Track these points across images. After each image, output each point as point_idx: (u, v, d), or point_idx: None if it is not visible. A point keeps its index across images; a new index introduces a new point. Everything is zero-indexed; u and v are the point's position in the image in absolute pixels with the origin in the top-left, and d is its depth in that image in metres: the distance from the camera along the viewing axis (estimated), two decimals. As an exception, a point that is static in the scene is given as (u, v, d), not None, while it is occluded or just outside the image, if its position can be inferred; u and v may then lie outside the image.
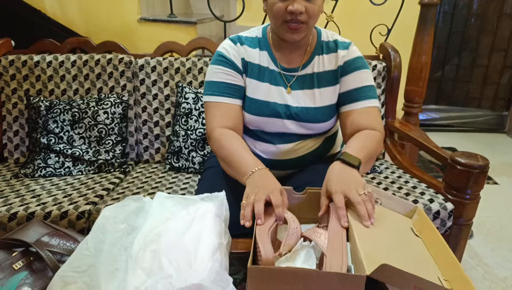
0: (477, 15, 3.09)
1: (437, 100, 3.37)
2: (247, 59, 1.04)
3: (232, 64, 1.03)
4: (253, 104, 1.04)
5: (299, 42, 1.01)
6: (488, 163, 1.16)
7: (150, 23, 2.02)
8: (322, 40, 1.06)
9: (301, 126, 1.05)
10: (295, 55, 1.05)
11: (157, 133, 1.61)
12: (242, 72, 1.04)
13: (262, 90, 1.04)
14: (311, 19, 0.94)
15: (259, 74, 1.04)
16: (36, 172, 1.44)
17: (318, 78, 1.04)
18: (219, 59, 1.04)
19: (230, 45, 1.05)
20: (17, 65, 1.57)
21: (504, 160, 2.78)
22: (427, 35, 1.70)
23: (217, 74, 1.02)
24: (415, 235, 0.77)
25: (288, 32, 0.95)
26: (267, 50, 1.06)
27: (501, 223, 1.95)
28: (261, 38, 1.07)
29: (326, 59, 1.05)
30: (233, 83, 1.03)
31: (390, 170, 1.53)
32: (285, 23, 0.93)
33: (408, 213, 0.85)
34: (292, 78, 1.05)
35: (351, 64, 1.03)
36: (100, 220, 0.70)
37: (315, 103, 1.04)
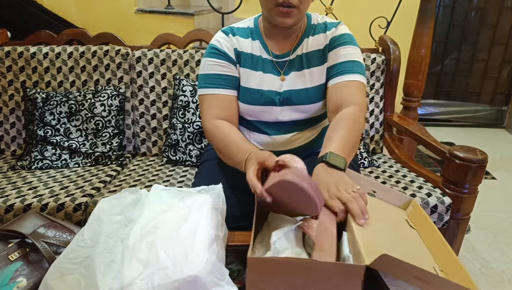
0: (478, 9, 3.07)
1: (436, 94, 3.36)
2: (239, 49, 1.04)
3: (225, 55, 1.03)
4: (247, 93, 1.04)
5: (290, 28, 1.00)
6: (486, 158, 1.16)
7: (147, 15, 2.00)
8: (312, 24, 1.06)
9: (295, 110, 1.05)
10: (287, 42, 1.05)
11: (154, 126, 1.60)
12: (235, 62, 1.04)
13: (256, 78, 1.04)
14: (303, 4, 0.93)
15: (252, 63, 1.04)
16: (33, 164, 1.43)
17: (307, 58, 1.04)
18: (212, 52, 1.03)
19: (223, 37, 1.05)
20: (13, 56, 1.55)
21: (502, 155, 2.78)
22: (427, 28, 1.69)
23: (210, 67, 1.02)
24: (410, 227, 0.78)
25: (279, 16, 0.94)
26: (259, 39, 1.05)
27: (498, 218, 1.96)
28: (253, 28, 1.07)
29: (315, 39, 1.04)
30: (227, 74, 1.02)
31: (388, 164, 1.52)
32: (277, 7, 0.93)
33: (403, 206, 0.86)
34: (284, 64, 1.05)
35: (337, 40, 1.02)
36: (96, 212, 0.70)
37: (306, 84, 1.04)
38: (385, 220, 0.77)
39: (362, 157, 1.49)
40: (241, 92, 1.05)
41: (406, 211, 0.84)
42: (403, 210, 0.85)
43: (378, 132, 1.66)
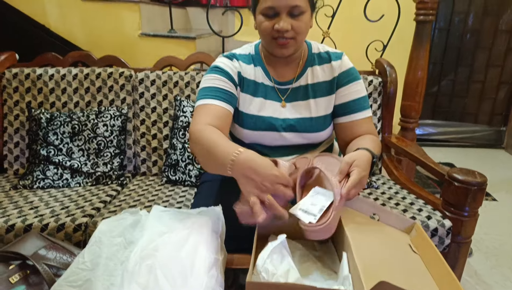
0: (473, 31, 3.14)
1: (434, 115, 3.39)
2: (243, 74, 1.06)
3: (227, 74, 1.02)
4: (247, 119, 1.06)
5: (290, 56, 1.03)
6: (486, 180, 1.16)
7: (150, 38, 2.05)
8: (313, 52, 1.08)
9: (299, 136, 1.07)
10: (288, 69, 1.07)
11: (154, 146, 1.62)
12: (237, 84, 1.04)
13: (256, 105, 1.06)
14: (299, 35, 0.96)
15: (254, 89, 1.06)
16: (34, 184, 1.44)
17: (313, 89, 1.06)
18: (214, 70, 1.03)
19: (226, 61, 1.06)
20: (20, 78, 1.59)
21: (502, 176, 2.78)
22: (423, 51, 1.73)
23: (210, 81, 1.00)
24: (413, 252, 0.77)
25: (277, 47, 0.97)
26: (260, 66, 1.08)
27: (500, 241, 1.94)
28: (254, 54, 1.09)
29: (319, 69, 1.07)
30: (225, 89, 1.00)
31: (387, 185, 1.53)
32: (274, 39, 0.96)
33: (406, 229, 0.85)
34: (286, 91, 1.07)
35: (346, 76, 1.06)
36: (97, 234, 0.71)
37: (311, 113, 1.06)
38: (387, 244, 0.77)
39: (361, 178, 1.50)
40: (242, 117, 1.07)
41: (410, 235, 0.84)
42: (406, 234, 0.84)
43: (377, 153, 1.67)
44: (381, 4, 1.76)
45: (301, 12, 0.93)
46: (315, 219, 0.71)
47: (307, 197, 0.77)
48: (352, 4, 1.85)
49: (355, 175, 0.78)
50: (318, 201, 0.76)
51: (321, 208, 0.74)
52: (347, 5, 1.82)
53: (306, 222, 0.71)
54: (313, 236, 0.72)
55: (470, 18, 3.12)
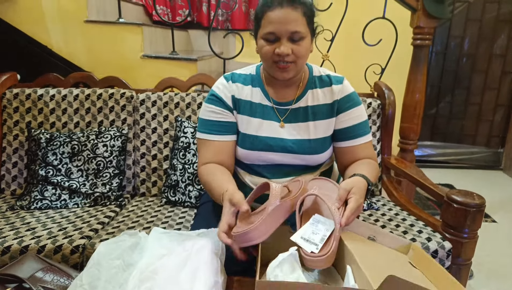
0: (468, 55, 3.21)
1: (432, 136, 3.42)
2: (237, 96, 1.08)
3: (222, 102, 1.07)
4: (245, 139, 1.07)
5: (291, 79, 1.05)
6: (484, 202, 1.16)
7: (152, 60, 2.08)
8: (314, 76, 1.10)
9: (297, 157, 1.07)
10: (288, 91, 1.09)
11: (154, 166, 1.62)
12: (232, 109, 1.08)
13: (254, 125, 1.07)
14: (299, 59, 0.98)
15: (250, 110, 1.08)
16: (32, 204, 1.43)
17: (313, 111, 1.07)
18: (211, 98, 1.09)
19: (223, 84, 1.10)
20: (21, 98, 1.60)
21: (501, 197, 2.78)
22: (420, 74, 1.76)
23: (208, 113, 1.08)
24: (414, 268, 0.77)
25: (278, 71, 0.99)
26: (260, 87, 1.09)
27: (501, 263, 1.93)
28: (254, 75, 1.11)
29: (320, 92, 1.08)
30: (223, 121, 1.07)
31: (387, 207, 1.53)
32: (275, 63, 0.98)
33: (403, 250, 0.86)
34: (285, 112, 1.08)
35: (347, 102, 1.08)
36: (96, 256, 0.70)
37: (310, 135, 1.07)
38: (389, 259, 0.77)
39: (361, 199, 1.49)
40: (240, 137, 1.08)
41: (407, 255, 0.84)
42: (404, 254, 0.85)
43: (376, 174, 1.67)
44: (379, 29, 1.80)
45: (301, 38, 0.96)
46: (317, 249, 0.73)
47: (308, 225, 0.78)
48: (351, 28, 1.90)
49: (352, 203, 0.81)
50: (319, 229, 0.77)
51: (322, 237, 0.75)
52: (346, 30, 1.87)
53: (308, 251, 0.72)
54: (314, 265, 0.74)
55: (465, 43, 3.19)
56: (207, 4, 2.85)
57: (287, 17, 0.93)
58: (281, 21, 0.94)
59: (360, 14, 1.90)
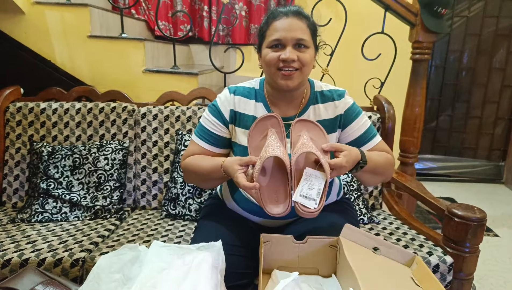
0: (468, 69, 3.23)
1: (433, 149, 3.42)
2: (237, 109, 1.10)
3: (220, 115, 1.11)
4: (246, 152, 1.07)
5: (293, 93, 1.06)
6: (485, 216, 1.16)
7: (154, 74, 2.11)
8: (315, 91, 1.11)
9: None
10: (290, 106, 1.10)
11: (155, 180, 1.62)
12: (228, 122, 1.11)
13: None
14: (304, 67, 1.00)
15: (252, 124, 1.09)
16: (33, 217, 1.43)
17: None
18: (212, 108, 1.13)
19: (226, 95, 1.12)
20: (24, 111, 1.62)
21: (503, 211, 2.76)
22: (420, 88, 1.78)
23: (206, 121, 1.12)
24: (416, 285, 0.77)
25: (282, 78, 1.00)
26: (262, 101, 1.10)
27: (504, 278, 1.90)
28: (258, 89, 1.12)
29: (322, 108, 1.09)
30: (216, 134, 1.11)
31: (388, 220, 1.52)
32: (279, 70, 1.00)
33: (407, 263, 0.85)
34: (287, 127, 1.09)
35: (350, 114, 1.10)
36: (96, 270, 0.70)
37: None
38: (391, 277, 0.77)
39: (361, 213, 1.49)
40: (237, 149, 1.10)
41: (411, 268, 0.84)
42: (407, 267, 0.84)
43: (377, 187, 1.67)
44: (378, 44, 1.82)
45: (306, 46, 0.99)
46: (316, 204, 0.82)
47: (302, 181, 0.85)
48: (350, 43, 1.92)
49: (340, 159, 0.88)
50: (313, 184, 0.85)
51: (318, 192, 0.83)
52: (345, 44, 1.89)
53: (312, 208, 0.82)
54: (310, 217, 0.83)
55: (464, 57, 3.22)
56: (208, 20, 2.90)
57: (292, 25, 0.97)
58: (286, 28, 0.97)
59: (359, 29, 1.93)
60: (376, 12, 1.89)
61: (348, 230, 0.85)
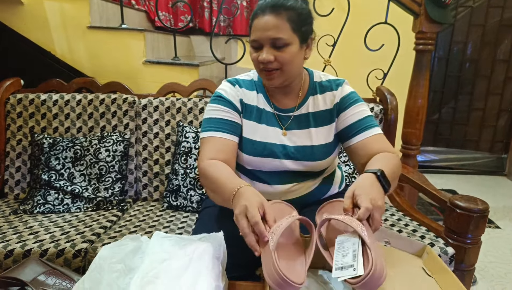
0: (472, 61, 3.21)
1: (435, 142, 3.41)
2: (245, 101, 1.07)
3: (230, 103, 1.04)
4: (250, 145, 1.06)
5: (288, 86, 1.04)
6: (488, 207, 1.15)
7: (154, 65, 2.10)
8: (314, 81, 1.10)
9: (300, 164, 1.06)
10: (289, 98, 1.08)
11: (156, 171, 1.62)
12: (240, 112, 1.06)
13: (260, 131, 1.06)
14: (284, 66, 0.96)
15: (257, 116, 1.07)
16: (35, 209, 1.43)
17: (314, 118, 1.07)
18: (217, 99, 1.06)
19: (229, 86, 1.08)
20: (24, 103, 1.62)
21: (505, 203, 2.76)
22: (423, 79, 1.76)
23: (214, 112, 1.04)
24: (428, 275, 0.77)
25: (265, 78, 1.00)
26: (262, 93, 1.09)
27: (505, 269, 1.91)
28: (256, 81, 1.11)
29: (321, 98, 1.08)
30: (229, 120, 1.03)
31: (389, 212, 1.52)
32: (261, 71, 0.99)
33: (418, 253, 0.85)
34: (287, 119, 1.08)
35: (346, 101, 1.05)
36: (98, 260, 0.70)
37: (312, 141, 1.06)
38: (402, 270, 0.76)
39: (363, 204, 1.49)
40: (244, 143, 1.07)
41: (422, 258, 0.84)
42: (418, 257, 0.84)
43: (379, 179, 1.67)
44: (381, 34, 1.80)
45: (285, 44, 0.94)
46: (355, 269, 0.64)
47: (336, 252, 0.71)
48: (353, 33, 1.90)
49: (363, 202, 0.73)
50: (347, 249, 0.69)
51: (353, 254, 0.67)
52: (348, 35, 1.87)
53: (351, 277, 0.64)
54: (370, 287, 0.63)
55: (468, 48, 3.19)
56: (209, 10, 2.87)
57: (267, 24, 0.93)
58: (261, 28, 0.93)
59: (362, 19, 1.91)
60: (380, 2, 1.87)
61: None
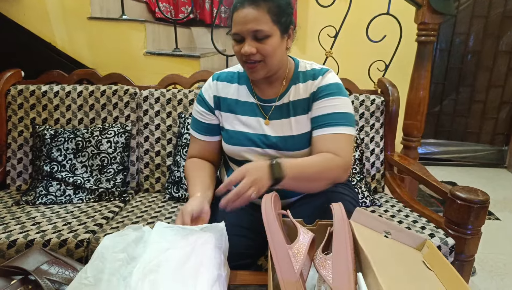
0: (474, 52, 3.18)
1: (436, 134, 3.40)
2: (220, 95, 1.11)
3: (205, 104, 1.13)
4: (232, 135, 1.09)
5: (271, 77, 1.04)
6: (488, 198, 1.16)
7: (155, 56, 2.09)
8: (299, 71, 1.08)
9: (281, 154, 1.06)
10: (272, 88, 1.08)
11: (158, 163, 1.62)
12: (214, 109, 1.12)
13: (241, 122, 1.08)
14: (266, 58, 0.96)
15: (236, 107, 1.09)
16: (37, 200, 1.44)
17: (294, 106, 1.06)
18: (198, 98, 1.15)
19: (209, 83, 1.14)
20: (25, 94, 1.61)
21: (505, 195, 2.77)
22: (424, 71, 1.75)
23: (196, 113, 1.15)
24: (428, 269, 0.77)
25: (248, 70, 1.00)
26: (246, 84, 1.10)
27: (504, 260, 1.92)
28: (241, 72, 1.12)
29: (302, 87, 1.06)
30: (207, 123, 1.13)
31: (390, 203, 1.53)
32: (244, 63, 0.99)
33: (418, 246, 0.85)
34: (270, 109, 1.08)
35: (324, 91, 1.03)
36: (100, 249, 0.70)
37: (292, 131, 1.06)
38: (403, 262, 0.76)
39: (364, 196, 1.50)
40: (225, 134, 1.11)
41: (421, 251, 0.84)
42: (418, 251, 0.84)
43: (379, 171, 1.67)
44: (383, 25, 1.79)
45: (266, 36, 0.94)
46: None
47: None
48: (355, 24, 1.89)
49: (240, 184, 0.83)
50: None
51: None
52: (349, 26, 1.86)
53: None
54: None
55: (470, 40, 3.17)
56: (210, 1, 2.85)
57: (247, 17, 0.92)
58: (242, 21, 0.93)
59: (364, 10, 1.89)
60: (382, -7, 1.85)
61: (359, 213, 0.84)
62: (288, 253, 0.67)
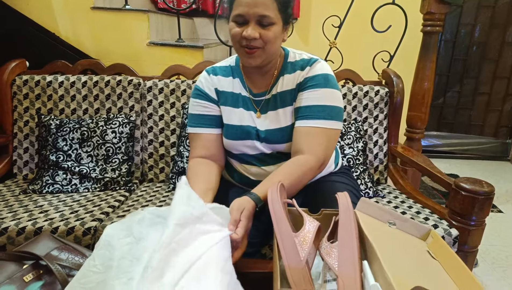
0: (479, 44, 3.16)
1: (439, 126, 3.39)
2: (219, 88, 1.09)
3: (206, 96, 1.09)
4: (229, 129, 1.08)
5: (262, 67, 1.03)
6: (493, 190, 1.15)
7: (159, 47, 2.09)
8: (288, 62, 1.07)
9: (270, 147, 1.07)
10: (264, 80, 1.08)
11: (162, 153, 1.63)
12: (216, 101, 1.10)
13: (237, 115, 1.08)
14: (267, 45, 0.95)
15: (232, 101, 1.08)
16: (44, 188, 1.46)
17: (281, 98, 1.05)
18: (196, 93, 1.11)
19: (205, 77, 1.11)
20: (30, 84, 1.62)
21: (508, 188, 2.77)
22: (429, 62, 1.74)
23: (194, 107, 1.10)
24: (433, 258, 0.77)
25: (245, 56, 0.98)
26: (239, 77, 1.10)
27: (506, 253, 1.93)
28: (234, 66, 1.11)
29: (289, 78, 1.05)
30: (209, 114, 1.09)
31: (393, 195, 1.53)
32: (242, 47, 0.97)
33: (423, 237, 0.85)
34: (261, 102, 1.08)
35: (309, 81, 1.01)
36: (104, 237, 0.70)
37: (280, 123, 1.05)
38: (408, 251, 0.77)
39: (367, 187, 1.50)
40: (224, 128, 1.10)
41: (426, 241, 0.84)
42: (423, 241, 0.85)
43: (383, 162, 1.68)
44: (388, 15, 1.78)
45: (270, 23, 0.94)
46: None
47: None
48: (359, 15, 1.88)
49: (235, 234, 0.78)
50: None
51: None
52: (354, 16, 1.85)
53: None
54: None
55: (476, 31, 3.14)
56: (213, -9, 2.83)
57: (256, 0, 0.91)
58: (250, 4, 0.91)
59: (369, 0, 1.88)
60: (387, -17, 1.84)
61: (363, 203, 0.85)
62: (294, 241, 0.68)
